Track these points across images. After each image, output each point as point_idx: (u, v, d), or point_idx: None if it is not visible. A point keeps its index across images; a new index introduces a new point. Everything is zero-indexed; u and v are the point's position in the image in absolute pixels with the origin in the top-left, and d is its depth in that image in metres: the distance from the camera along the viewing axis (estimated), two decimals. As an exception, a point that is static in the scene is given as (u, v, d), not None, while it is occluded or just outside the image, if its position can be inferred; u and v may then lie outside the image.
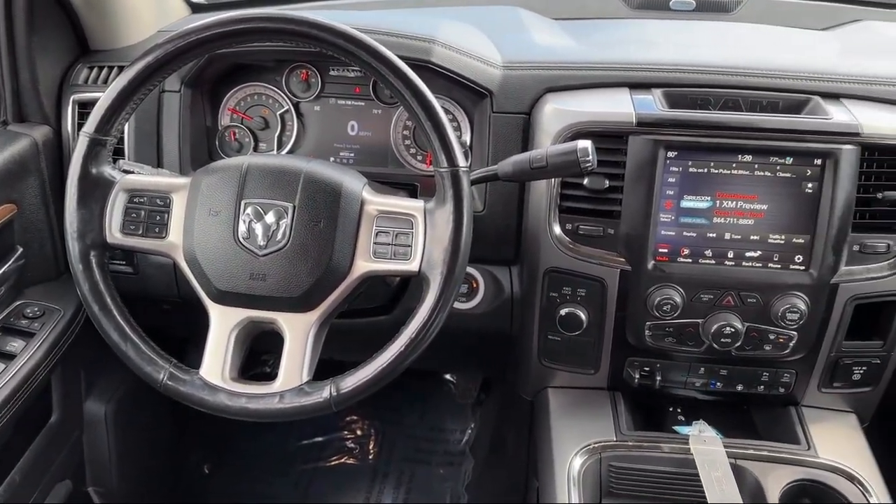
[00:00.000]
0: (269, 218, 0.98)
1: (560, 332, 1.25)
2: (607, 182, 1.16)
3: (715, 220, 1.15)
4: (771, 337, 1.17)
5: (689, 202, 1.15)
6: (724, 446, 1.17)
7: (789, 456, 1.19)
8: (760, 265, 1.15)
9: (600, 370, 1.29)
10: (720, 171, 1.13)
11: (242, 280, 0.98)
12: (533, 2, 1.58)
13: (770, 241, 1.14)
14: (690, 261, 1.16)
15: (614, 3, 1.61)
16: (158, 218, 1.03)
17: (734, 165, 1.13)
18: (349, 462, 2.07)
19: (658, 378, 1.27)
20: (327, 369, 1.02)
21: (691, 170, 1.14)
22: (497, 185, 1.25)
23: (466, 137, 1.32)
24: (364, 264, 0.99)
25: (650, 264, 1.17)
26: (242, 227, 0.99)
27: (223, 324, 1.00)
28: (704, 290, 1.16)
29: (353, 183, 1.01)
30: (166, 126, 1.32)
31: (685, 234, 1.16)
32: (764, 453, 1.19)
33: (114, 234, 1.02)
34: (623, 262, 1.18)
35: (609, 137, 1.16)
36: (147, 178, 1.06)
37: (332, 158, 1.36)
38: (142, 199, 1.03)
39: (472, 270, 1.32)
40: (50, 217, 1.37)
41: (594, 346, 1.27)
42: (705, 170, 1.14)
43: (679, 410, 1.31)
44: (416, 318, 0.97)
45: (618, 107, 1.17)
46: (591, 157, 1.01)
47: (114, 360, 1.03)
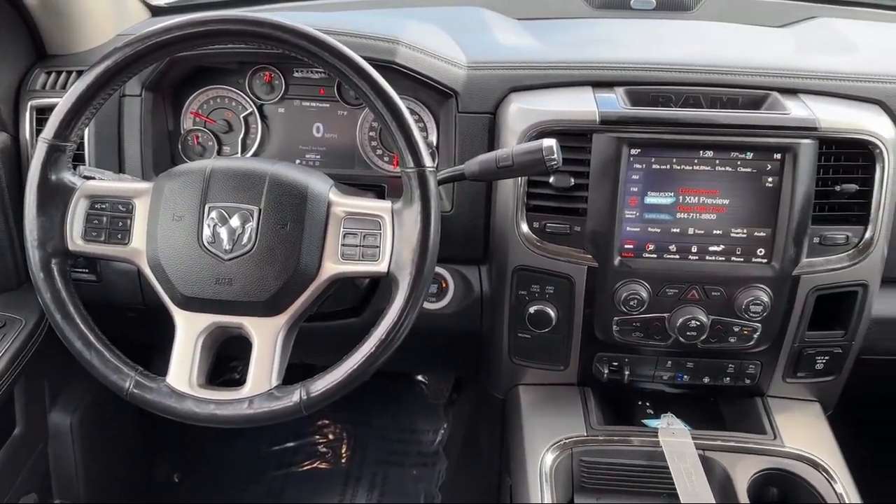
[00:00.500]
0: (235, 222, 0.97)
1: (530, 330, 1.26)
2: (573, 180, 1.17)
3: (678, 215, 1.16)
4: (735, 329, 1.20)
5: (652, 198, 1.16)
6: (693, 438, 1.19)
7: (756, 446, 1.21)
8: (723, 259, 1.17)
9: (570, 366, 1.30)
10: (682, 167, 1.15)
11: (208, 285, 0.97)
12: (496, 2, 1.59)
13: (732, 235, 1.16)
14: (655, 256, 1.18)
15: (576, 3, 1.63)
16: (121, 224, 1.01)
17: (696, 161, 1.15)
18: (321, 466, 2.06)
19: (626, 372, 1.28)
20: (298, 374, 1.02)
21: (654, 166, 1.15)
22: (464, 184, 1.25)
23: (433, 138, 1.32)
24: (332, 266, 0.99)
25: (616, 260, 1.18)
26: (207, 232, 0.97)
27: (189, 330, 0.99)
28: (670, 285, 1.18)
29: (320, 185, 1.01)
30: (127, 131, 1.30)
31: (650, 229, 1.17)
32: (731, 444, 1.21)
33: (75, 241, 1.01)
34: (590, 258, 1.19)
35: (573, 136, 1.17)
36: (108, 183, 1.04)
37: (297, 161, 1.36)
38: (103, 206, 1.01)
39: (441, 270, 1.32)
40: (9, 225, 1.34)
41: (563, 343, 1.28)
42: (668, 166, 1.15)
43: (648, 404, 1.32)
44: (385, 319, 0.96)
45: (581, 105, 1.18)
46: (556, 155, 1.02)
47: (78, 369, 1.01)
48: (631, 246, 1.18)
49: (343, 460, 2.07)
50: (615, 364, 1.29)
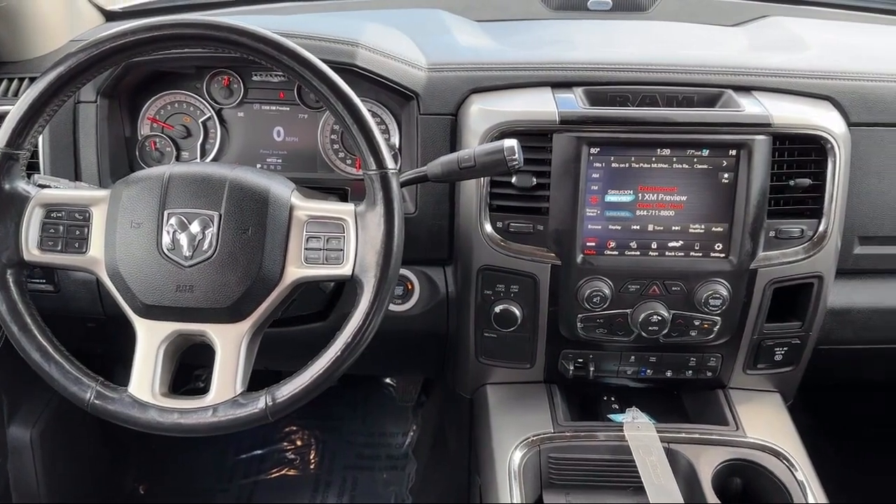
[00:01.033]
0: (194, 227, 0.96)
1: (496, 329, 1.27)
2: (535, 180, 1.18)
3: (638, 212, 1.18)
4: (696, 323, 1.22)
5: (613, 196, 1.18)
6: (657, 431, 1.20)
7: (719, 437, 1.23)
8: (683, 254, 1.19)
9: (536, 364, 1.31)
10: (641, 165, 1.17)
11: (169, 292, 0.96)
12: (455, 4, 1.60)
13: (691, 230, 1.18)
14: (617, 253, 1.20)
15: (534, 5, 1.65)
16: (78, 232, 0.99)
17: (654, 159, 1.16)
18: (290, 473, 2.04)
19: (591, 368, 1.30)
20: (264, 381, 1.01)
21: (614, 165, 1.17)
22: (428, 186, 1.26)
23: (395, 140, 1.32)
24: (295, 271, 0.98)
25: (579, 258, 1.19)
26: (166, 239, 0.96)
27: (151, 338, 0.98)
28: (631, 281, 1.20)
29: (281, 188, 1.00)
30: (83, 138, 1.28)
31: (611, 227, 1.19)
32: (695, 436, 1.23)
33: (31, 251, 0.98)
34: (553, 257, 1.20)
35: (534, 136, 1.18)
36: (64, 191, 1.02)
37: (258, 165, 1.35)
38: (59, 214, 0.99)
39: (406, 272, 1.32)
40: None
41: (529, 341, 1.29)
42: (627, 164, 1.17)
43: (613, 399, 1.34)
44: (351, 323, 0.96)
45: (541, 106, 1.19)
46: (517, 155, 1.03)
47: (37, 382, 0.99)
48: (593, 243, 1.19)
49: (312, 466, 2.06)
50: (580, 361, 1.30)
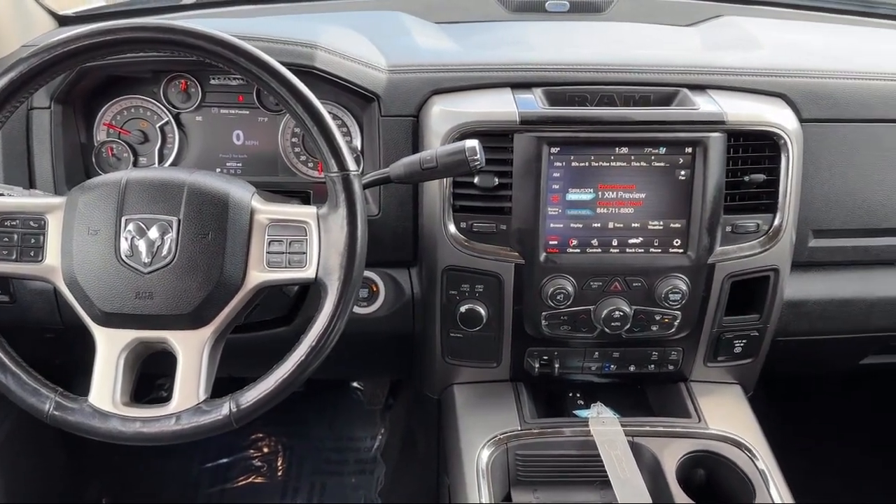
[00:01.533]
0: (153, 233, 0.95)
1: (461, 329, 1.27)
2: (497, 180, 1.19)
3: (599, 210, 1.20)
4: (657, 318, 1.24)
5: (574, 195, 1.19)
6: (622, 425, 1.22)
7: (682, 430, 1.25)
8: (642, 251, 1.21)
9: (502, 363, 1.32)
10: (600, 163, 1.18)
11: (128, 300, 0.95)
12: (414, 6, 1.60)
13: (650, 227, 1.20)
14: (579, 251, 1.21)
15: (493, 7, 1.66)
16: (33, 241, 0.97)
17: (613, 158, 1.18)
18: (257, 481, 2.02)
19: (557, 365, 1.31)
20: (228, 388, 0.99)
21: (574, 164, 1.18)
22: (391, 187, 1.26)
23: (357, 142, 1.32)
24: (258, 275, 0.97)
25: (542, 256, 1.20)
26: (124, 245, 0.95)
27: (111, 347, 0.96)
28: (594, 278, 1.21)
29: (241, 192, 0.99)
30: (37, 145, 1.25)
31: (572, 225, 1.20)
32: (659, 429, 1.25)
33: (-17, 261, 0.96)
34: (517, 256, 1.21)
35: (495, 136, 1.18)
36: (18, 199, 1.01)
37: (217, 169, 1.33)
38: (13, 223, 0.97)
39: (371, 274, 1.32)
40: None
41: (495, 340, 1.29)
42: (587, 163, 1.18)
43: (578, 395, 1.35)
44: (315, 326, 0.96)
45: (501, 106, 1.20)
46: (479, 155, 1.04)
47: (-5, 393, 0.97)
48: (555, 242, 1.21)
49: (279, 473, 2.04)
50: (545, 358, 1.31)
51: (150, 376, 1.05)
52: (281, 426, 2.12)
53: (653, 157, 1.18)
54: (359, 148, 1.31)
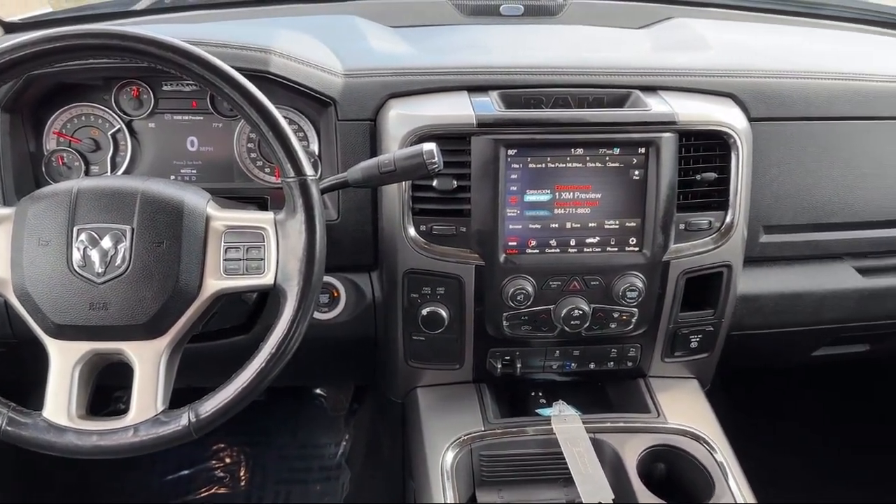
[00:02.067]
0: (106, 243, 0.93)
1: (423, 332, 1.27)
2: (455, 182, 1.19)
3: (556, 211, 1.21)
4: (615, 315, 1.26)
5: (531, 196, 1.20)
6: (583, 422, 1.24)
7: (642, 425, 1.27)
8: (599, 250, 1.23)
9: (465, 364, 1.33)
10: (557, 164, 1.20)
11: (81, 311, 0.93)
12: (369, 11, 1.60)
13: (606, 226, 1.22)
14: (538, 251, 1.22)
15: (448, 11, 1.66)
16: None
17: (568, 159, 1.19)
18: (220, 492, 1.99)
19: (518, 365, 1.32)
20: (187, 399, 0.98)
21: (531, 165, 1.19)
22: (350, 192, 1.25)
23: (314, 147, 1.31)
24: (215, 283, 0.96)
25: (502, 258, 1.21)
26: (77, 255, 0.93)
27: (65, 360, 0.94)
28: (553, 278, 1.23)
29: (196, 199, 0.98)
30: (-17, 155, 1.22)
31: (531, 226, 1.21)
32: (619, 425, 1.27)
33: (-71, 275, 0.93)
34: (477, 257, 1.22)
35: (453, 139, 1.19)
36: (-36, 211, 0.98)
37: (172, 177, 1.31)
38: None
39: (331, 279, 1.31)
40: None
41: (457, 342, 1.30)
42: (543, 165, 1.20)
43: (540, 394, 1.37)
44: (275, 333, 0.95)
45: (458, 109, 1.21)
46: (436, 158, 1.04)
47: (-58, 413, 0.94)
48: (514, 243, 1.22)
49: (242, 483, 2.01)
50: (507, 358, 1.32)
51: (107, 388, 1.02)
52: (243, 435, 2.09)
53: (607, 158, 1.20)
54: (316, 153, 1.31)
